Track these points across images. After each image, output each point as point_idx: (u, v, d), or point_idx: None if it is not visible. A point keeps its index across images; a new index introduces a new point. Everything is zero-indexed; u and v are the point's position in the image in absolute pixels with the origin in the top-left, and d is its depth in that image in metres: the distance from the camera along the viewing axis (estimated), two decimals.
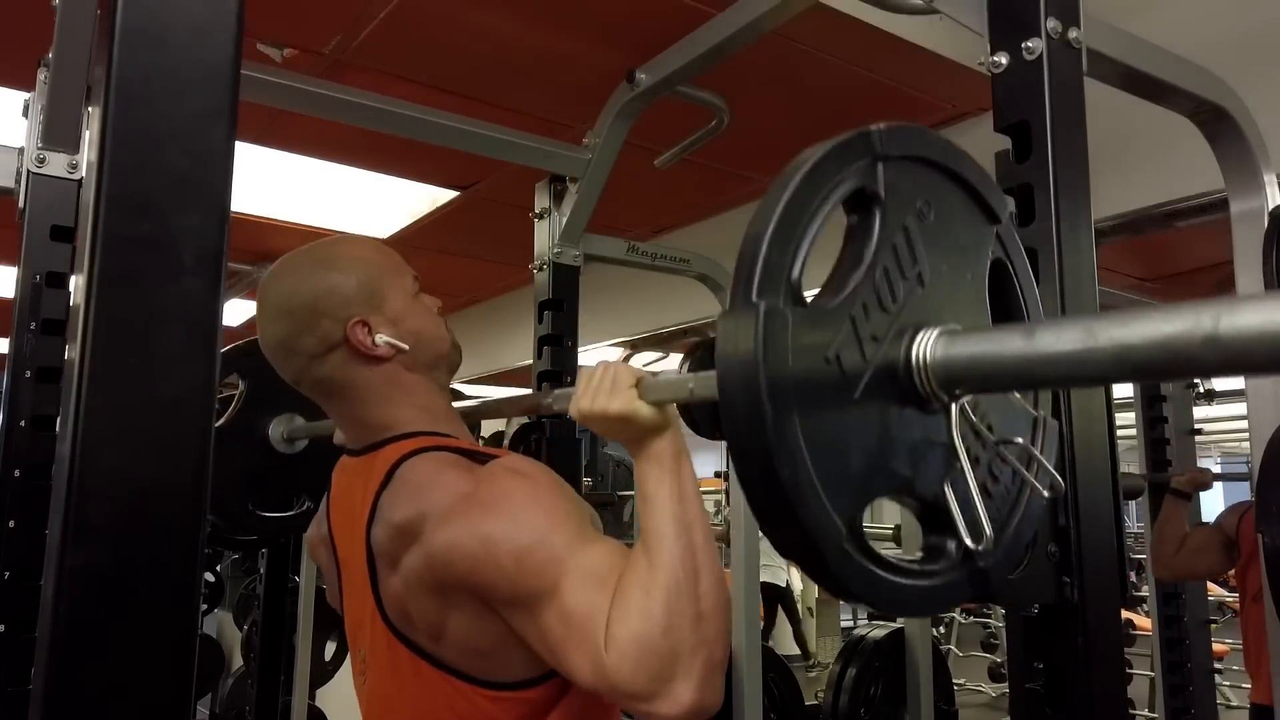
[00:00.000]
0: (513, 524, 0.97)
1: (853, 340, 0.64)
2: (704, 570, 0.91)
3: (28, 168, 1.37)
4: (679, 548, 0.91)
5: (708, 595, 0.90)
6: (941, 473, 0.69)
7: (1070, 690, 0.94)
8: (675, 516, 0.92)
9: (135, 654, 0.61)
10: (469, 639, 1.02)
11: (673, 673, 0.87)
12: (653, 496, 0.94)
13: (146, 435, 0.62)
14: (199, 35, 0.67)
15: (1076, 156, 1.03)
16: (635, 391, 0.93)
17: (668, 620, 0.88)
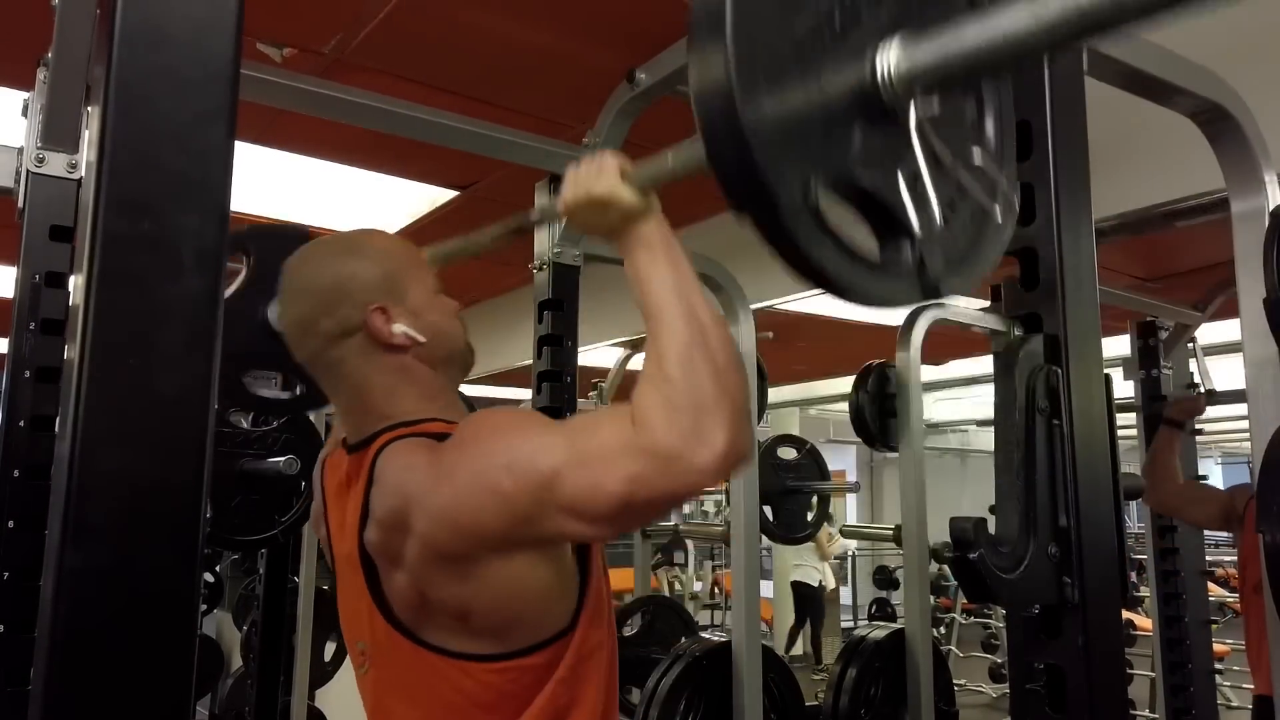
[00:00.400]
0: (488, 454, 0.98)
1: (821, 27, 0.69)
2: (710, 328, 0.93)
3: (27, 167, 1.37)
4: (682, 310, 0.93)
5: (720, 350, 0.92)
6: (895, 175, 0.73)
7: (1070, 690, 0.94)
8: (673, 286, 0.95)
9: (135, 654, 0.61)
10: (497, 598, 1.01)
11: (702, 425, 0.88)
12: (646, 276, 0.97)
13: (146, 435, 0.62)
14: (199, 35, 0.67)
15: (1077, 156, 1.03)
16: (619, 175, 0.98)
17: (686, 379, 0.90)
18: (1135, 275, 3.54)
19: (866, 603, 8.69)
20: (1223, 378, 3.10)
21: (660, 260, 0.97)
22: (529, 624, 1.04)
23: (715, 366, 0.91)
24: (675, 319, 0.93)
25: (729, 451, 0.88)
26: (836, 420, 9.43)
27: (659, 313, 0.94)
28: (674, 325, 0.93)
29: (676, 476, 0.89)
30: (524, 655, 1.04)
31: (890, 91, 0.70)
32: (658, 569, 8.15)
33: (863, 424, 2.63)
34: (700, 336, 0.92)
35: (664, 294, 0.95)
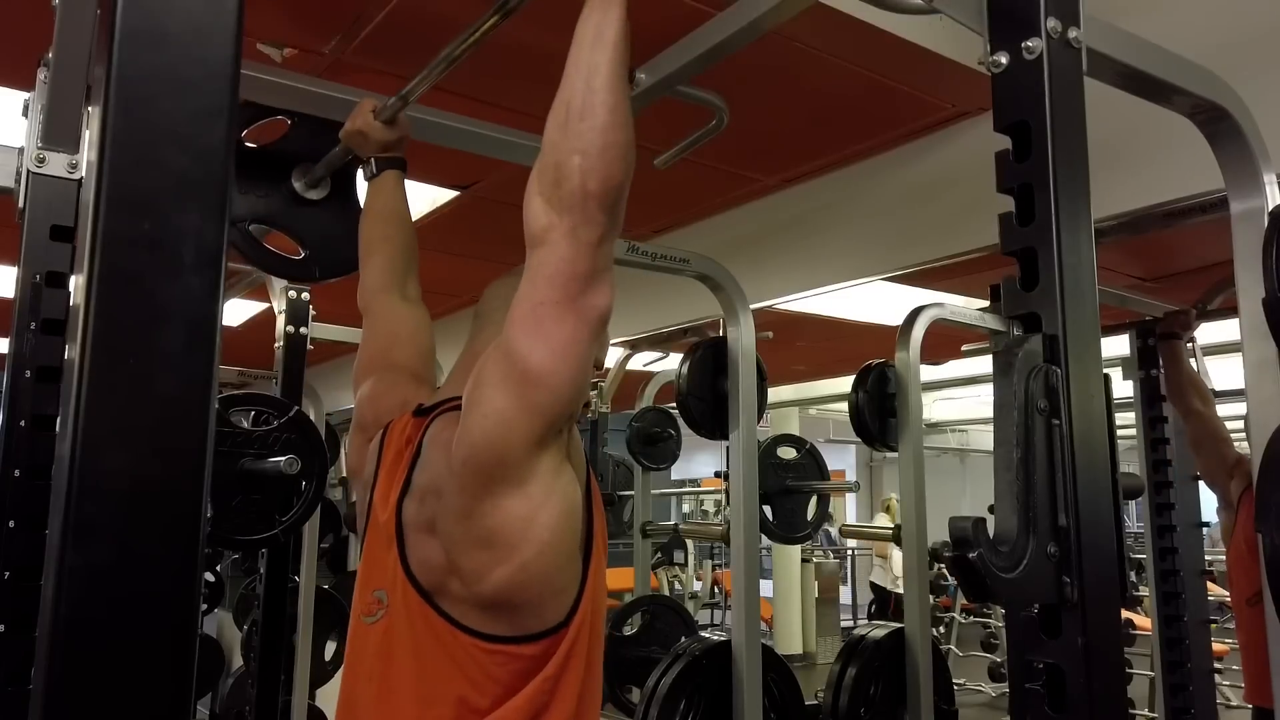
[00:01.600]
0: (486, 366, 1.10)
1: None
2: (598, 107, 1.05)
3: (27, 167, 1.37)
4: (578, 83, 1.06)
5: (592, 131, 1.04)
6: None
7: (1070, 689, 0.94)
8: (584, 55, 1.07)
9: (135, 654, 0.61)
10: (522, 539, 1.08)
11: (557, 176, 1.05)
12: (577, 32, 1.08)
13: (146, 435, 0.62)
14: (199, 35, 0.67)
15: (1076, 156, 1.03)
16: None
17: (546, 153, 1.07)
18: (1135, 275, 3.54)
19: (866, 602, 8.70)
20: (1222, 378, 3.10)
21: (590, 23, 1.09)
22: (535, 594, 1.10)
23: (579, 147, 1.04)
24: (564, 90, 1.06)
25: (577, 192, 1.04)
26: (836, 420, 9.44)
27: (565, 75, 1.08)
28: (561, 96, 1.07)
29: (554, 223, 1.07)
30: (518, 642, 1.09)
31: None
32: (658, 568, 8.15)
33: (862, 424, 2.63)
34: (577, 116, 1.04)
35: (572, 61, 1.07)
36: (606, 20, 1.07)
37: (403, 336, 1.49)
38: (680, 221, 3.40)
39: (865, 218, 2.95)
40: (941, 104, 2.45)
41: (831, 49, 2.11)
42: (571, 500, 1.12)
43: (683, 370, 2.68)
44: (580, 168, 1.03)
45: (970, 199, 2.49)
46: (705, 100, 2.00)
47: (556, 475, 1.09)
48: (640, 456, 3.65)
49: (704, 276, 2.45)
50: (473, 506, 1.08)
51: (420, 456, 1.20)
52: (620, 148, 1.05)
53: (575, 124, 1.04)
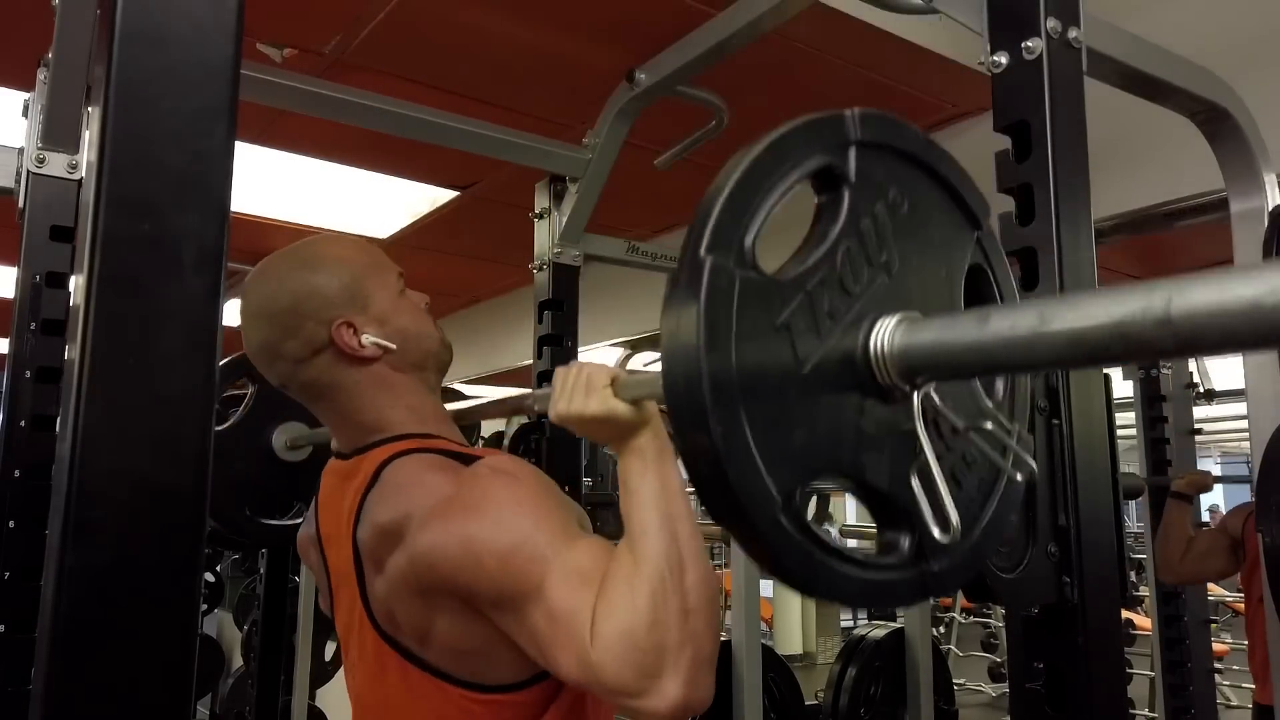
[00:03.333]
0: (495, 525, 0.96)
1: (807, 313, 0.63)
2: (689, 564, 0.89)
3: (27, 168, 1.37)
4: (663, 542, 0.89)
5: (694, 589, 0.88)
6: (900, 464, 0.67)
7: (1070, 690, 0.94)
8: (658, 510, 0.91)
9: (135, 654, 0.61)
10: (456, 641, 1.00)
11: (659, 668, 0.85)
12: (635, 491, 0.92)
13: (146, 435, 0.62)
14: (199, 35, 0.67)
15: (1076, 156, 1.03)
16: (610, 391, 0.91)
17: (653, 615, 0.86)
18: (1135, 275, 3.54)
19: None
20: (1222, 377, 3.10)
21: (651, 476, 0.92)
22: (490, 665, 1.01)
23: (685, 607, 0.87)
24: (655, 550, 0.89)
25: (680, 705, 0.85)
26: None
27: (640, 536, 0.90)
28: (653, 556, 0.88)
29: (623, 704, 0.87)
30: (510, 691, 1.01)
31: (886, 376, 0.64)
32: None
33: None
34: (676, 572, 0.88)
35: (649, 518, 0.91)
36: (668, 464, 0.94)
37: None
38: (680, 221, 3.40)
39: None
40: (941, 104, 2.45)
41: (831, 49, 2.11)
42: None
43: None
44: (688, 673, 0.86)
45: None
46: (705, 100, 2.00)
47: None
48: None
49: None
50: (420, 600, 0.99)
51: (377, 486, 1.06)
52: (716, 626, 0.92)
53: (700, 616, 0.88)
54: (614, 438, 0.94)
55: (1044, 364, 0.60)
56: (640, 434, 0.93)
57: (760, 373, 0.60)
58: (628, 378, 0.93)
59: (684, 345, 0.59)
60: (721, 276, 0.59)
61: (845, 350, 0.64)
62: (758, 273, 0.61)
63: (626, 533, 0.93)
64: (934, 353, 0.62)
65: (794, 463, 0.61)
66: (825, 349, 0.63)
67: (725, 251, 0.60)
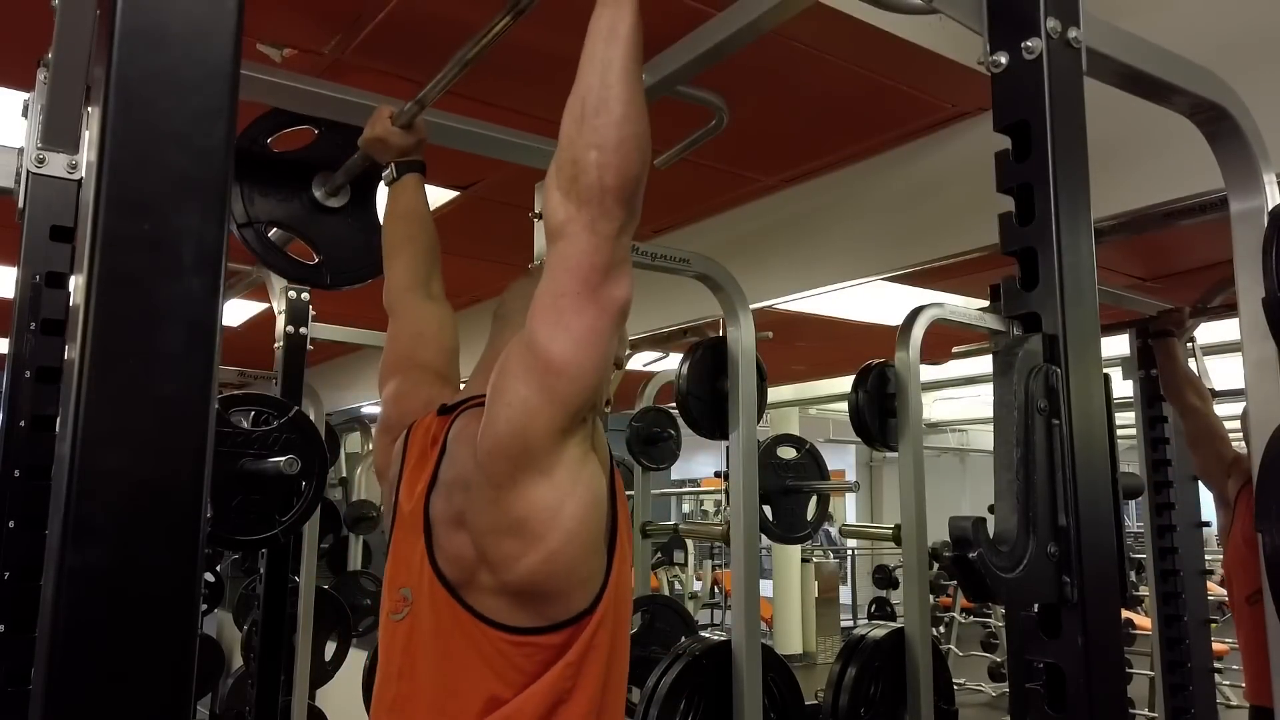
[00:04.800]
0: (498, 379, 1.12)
1: None
2: (612, 102, 1.05)
3: (27, 168, 1.37)
4: (593, 80, 1.06)
5: (608, 126, 1.04)
6: None
7: (1070, 689, 0.94)
8: (597, 53, 1.07)
9: (135, 654, 0.61)
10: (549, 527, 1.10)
11: (575, 171, 1.05)
12: (589, 31, 1.09)
13: (146, 435, 0.62)
14: (199, 35, 0.67)
15: (1076, 156, 1.03)
16: None
17: (563, 150, 1.06)
18: (1135, 275, 3.54)
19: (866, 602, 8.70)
20: (1222, 378, 3.10)
21: (603, 21, 1.09)
22: (562, 581, 1.12)
23: (596, 142, 1.04)
24: (579, 87, 1.07)
25: (594, 189, 1.04)
26: (836, 420, 9.44)
27: (578, 74, 1.08)
28: (576, 93, 1.07)
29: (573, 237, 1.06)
30: (543, 633, 1.12)
31: None
32: (658, 568, 8.16)
33: (862, 424, 2.63)
34: (593, 112, 1.04)
35: (586, 59, 1.08)
36: (619, 16, 1.08)
37: (427, 336, 1.54)
38: (680, 221, 3.40)
39: (865, 218, 2.94)
40: (941, 104, 2.45)
41: (831, 49, 2.11)
42: (597, 490, 1.14)
43: (683, 370, 2.68)
44: (597, 162, 1.04)
45: (970, 199, 2.49)
46: (705, 100, 2.00)
47: (582, 464, 1.12)
48: (640, 456, 3.65)
49: (704, 276, 2.44)
50: (499, 495, 1.11)
51: (446, 452, 1.22)
52: (636, 140, 1.06)
53: (591, 119, 1.04)
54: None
55: None
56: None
57: None
58: None
59: None
60: None
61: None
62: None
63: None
64: None
65: None
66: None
67: None
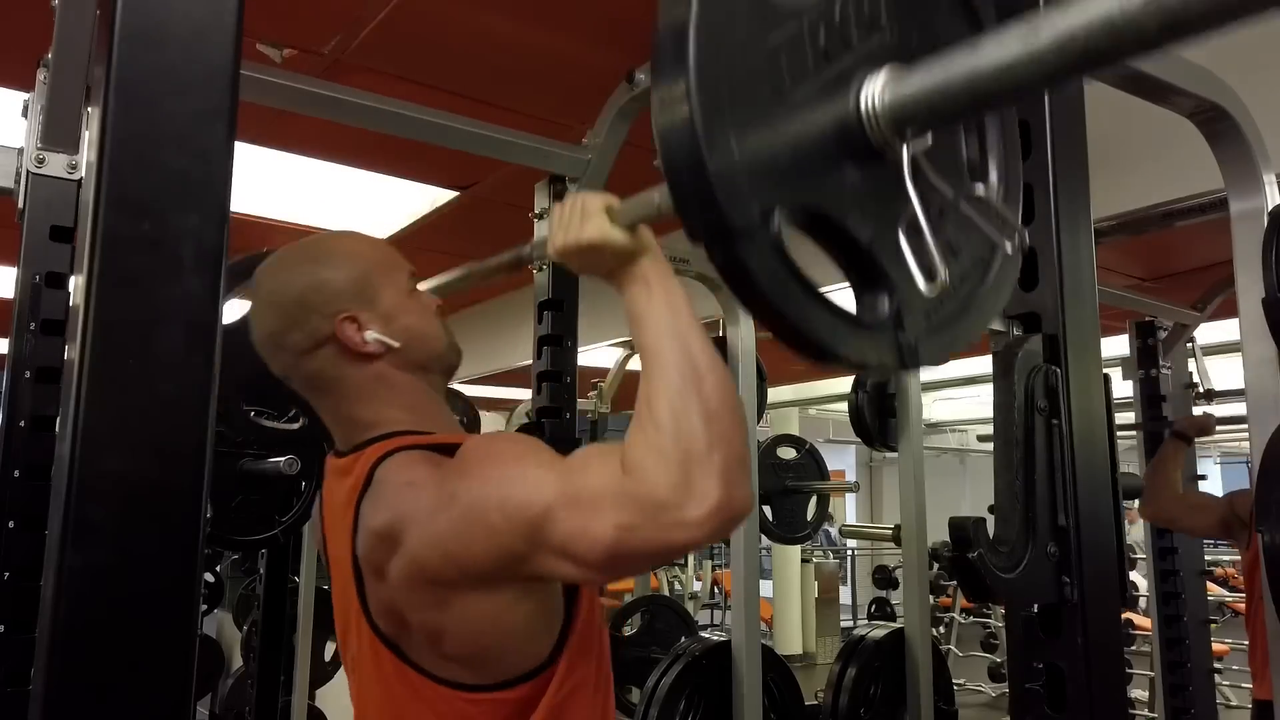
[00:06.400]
0: (482, 483, 0.95)
1: (801, 44, 0.63)
2: (706, 371, 0.88)
3: (27, 168, 1.37)
4: (676, 354, 0.88)
5: (715, 394, 0.87)
6: (884, 221, 0.65)
7: (1070, 689, 0.94)
8: (668, 325, 0.90)
9: (135, 654, 0.61)
10: (474, 624, 0.99)
11: (692, 474, 0.83)
12: (643, 314, 0.92)
13: (146, 435, 0.62)
14: (199, 35, 0.67)
15: (1076, 156, 1.03)
16: (605, 217, 0.91)
17: (676, 425, 0.85)
18: (1134, 275, 3.54)
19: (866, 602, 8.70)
20: (1222, 378, 3.10)
21: (656, 298, 0.92)
22: (502, 659, 1.01)
23: (708, 412, 0.86)
24: (668, 361, 0.88)
25: (722, 505, 0.83)
26: (836, 420, 9.43)
27: (653, 354, 0.90)
28: (667, 368, 0.88)
29: (666, 529, 0.84)
30: (500, 689, 1.00)
31: (876, 130, 0.63)
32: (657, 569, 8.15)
33: (862, 424, 2.63)
34: (694, 380, 0.87)
35: (659, 334, 0.90)
36: (670, 285, 0.94)
37: None
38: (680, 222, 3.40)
39: None
40: None
41: None
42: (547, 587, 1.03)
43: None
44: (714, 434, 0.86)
45: None
46: None
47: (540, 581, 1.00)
48: None
49: (704, 276, 2.44)
50: (435, 586, 0.98)
51: (370, 491, 1.04)
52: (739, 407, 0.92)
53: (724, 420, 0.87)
54: (614, 267, 0.94)
55: (1036, 80, 0.57)
56: (640, 260, 0.93)
57: (750, 85, 0.59)
58: (622, 203, 0.92)
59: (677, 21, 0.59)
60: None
61: (836, 99, 0.64)
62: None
63: (641, 358, 0.92)
64: (923, 97, 0.61)
65: (776, 179, 0.60)
66: (817, 84, 0.63)
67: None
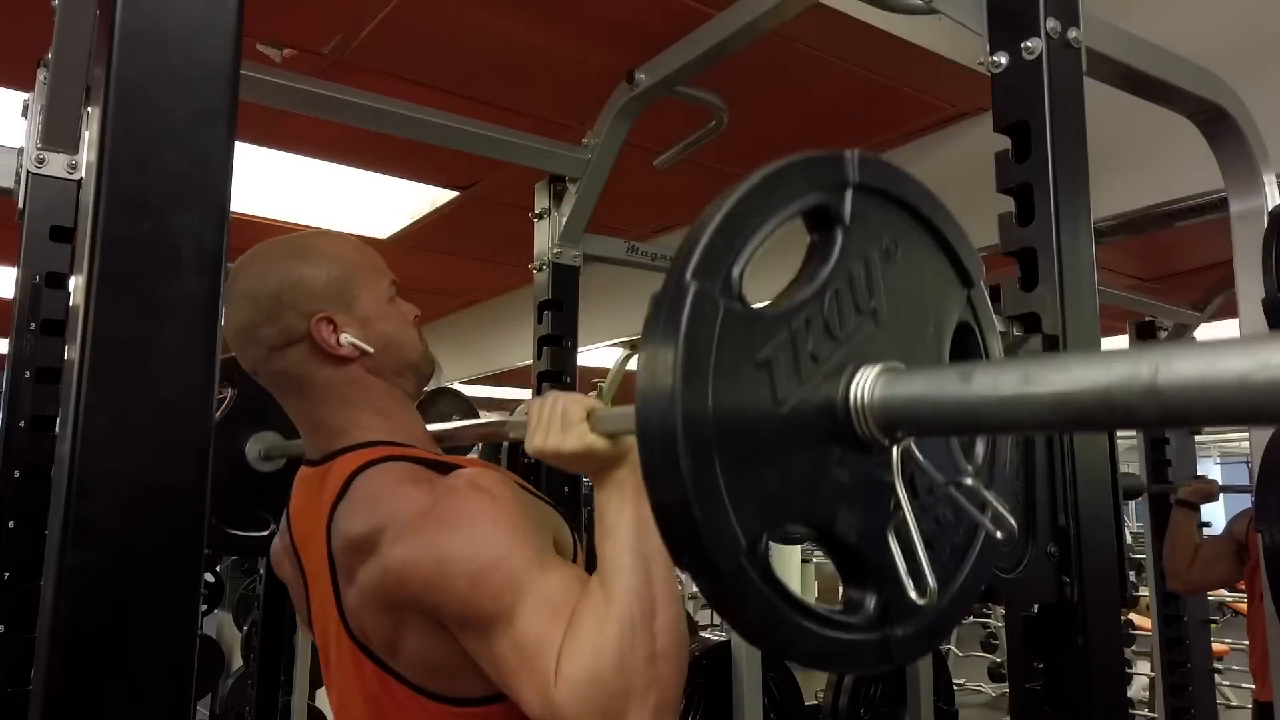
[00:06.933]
0: (469, 544, 0.93)
1: (789, 352, 0.61)
2: (661, 606, 0.87)
3: (27, 168, 1.37)
4: (636, 580, 0.87)
5: (664, 633, 0.87)
6: (871, 519, 0.64)
7: (1070, 690, 0.94)
8: (633, 549, 0.89)
9: (135, 654, 0.61)
10: (423, 656, 0.99)
11: (622, 712, 0.83)
12: (612, 527, 0.90)
13: (146, 435, 0.62)
14: (198, 35, 0.67)
15: (1076, 156, 1.03)
16: (586, 426, 0.89)
17: (619, 656, 0.84)
18: (1135, 275, 3.54)
19: None
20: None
21: (628, 513, 0.90)
22: (456, 680, 0.99)
23: (653, 651, 0.85)
24: (627, 589, 0.87)
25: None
26: None
27: (614, 574, 0.89)
28: (624, 595, 0.87)
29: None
30: (477, 704, 0.99)
31: (865, 427, 0.61)
32: None
33: None
34: (647, 615, 0.86)
35: (624, 556, 0.89)
36: (642, 509, 0.91)
37: None
38: (680, 221, 3.40)
39: None
40: (941, 104, 2.45)
41: (831, 49, 2.11)
42: None
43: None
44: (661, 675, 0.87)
45: (970, 199, 2.48)
46: (705, 100, 2.00)
47: None
48: None
49: None
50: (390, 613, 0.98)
51: (347, 497, 1.03)
52: (685, 641, 0.91)
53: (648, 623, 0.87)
54: (592, 471, 0.92)
55: (1027, 426, 0.57)
56: (618, 468, 0.91)
57: (736, 408, 0.58)
58: (604, 411, 0.90)
59: (661, 370, 0.58)
60: (705, 302, 0.58)
61: (825, 397, 0.62)
62: (743, 304, 0.60)
63: (600, 568, 0.91)
64: (914, 406, 0.60)
65: (763, 506, 0.59)
66: (805, 392, 0.61)
67: (712, 279, 0.59)
